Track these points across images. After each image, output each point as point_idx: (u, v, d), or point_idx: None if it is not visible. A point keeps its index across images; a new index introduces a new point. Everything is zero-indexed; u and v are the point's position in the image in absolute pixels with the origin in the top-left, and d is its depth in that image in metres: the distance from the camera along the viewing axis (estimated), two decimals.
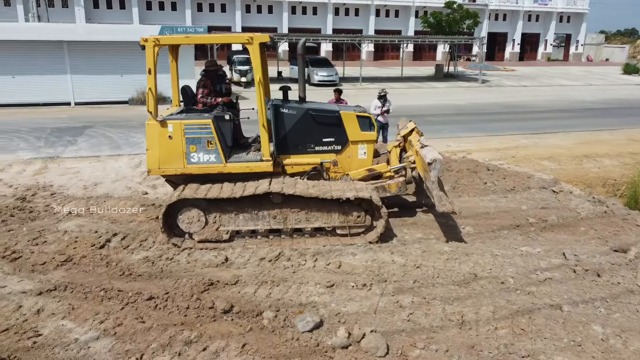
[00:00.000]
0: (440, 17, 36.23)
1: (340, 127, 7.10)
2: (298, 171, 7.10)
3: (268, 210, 6.60)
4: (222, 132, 6.81)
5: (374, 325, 4.72)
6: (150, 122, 6.65)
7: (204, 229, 6.62)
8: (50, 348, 4.34)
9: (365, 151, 7.24)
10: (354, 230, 6.74)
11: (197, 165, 6.70)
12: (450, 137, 14.71)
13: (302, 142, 7.09)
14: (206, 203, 6.54)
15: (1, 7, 40.33)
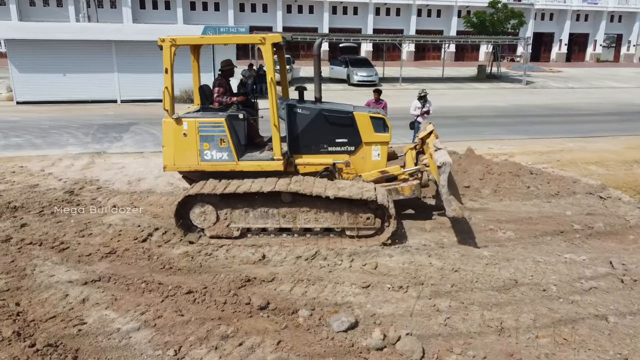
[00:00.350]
0: (484, 16, 35.46)
1: (354, 127, 7.06)
2: (310, 171, 7.12)
3: (277, 209, 6.64)
4: (236, 131, 6.93)
5: (409, 328, 4.67)
6: (166, 119, 6.85)
7: (215, 225, 6.72)
8: (94, 336, 4.49)
9: (379, 153, 7.17)
10: (362, 232, 6.65)
11: (210, 162, 6.85)
12: (491, 139, 14.39)
13: (315, 142, 7.11)
14: (216, 199, 6.64)
15: (54, 7, 42.04)
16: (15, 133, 14.20)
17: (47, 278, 5.63)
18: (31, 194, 8.74)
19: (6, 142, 13.08)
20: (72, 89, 20.10)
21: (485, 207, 8.17)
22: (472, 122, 17.54)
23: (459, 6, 50.27)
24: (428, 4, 49.82)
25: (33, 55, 19.62)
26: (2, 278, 5.62)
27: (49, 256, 6.21)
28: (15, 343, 4.30)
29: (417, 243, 6.68)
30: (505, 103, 22.68)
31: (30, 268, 5.88)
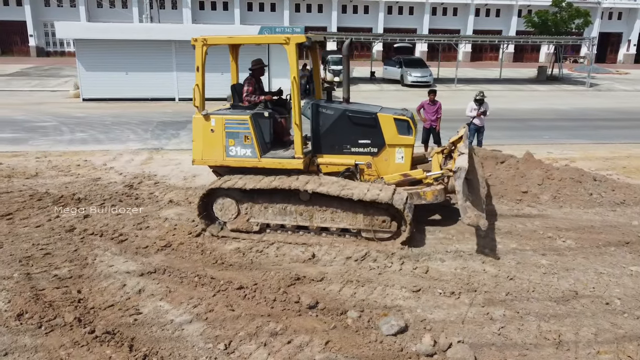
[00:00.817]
0: (546, 16, 34.11)
1: (377, 129, 6.94)
2: (332, 171, 7.12)
3: (295, 207, 6.68)
4: (261, 128, 7.06)
5: (461, 335, 4.54)
6: (196, 116, 7.11)
7: (236, 219, 6.89)
8: (149, 326, 4.64)
9: (402, 155, 7.01)
10: (379, 235, 6.54)
11: (235, 158, 7.04)
12: (551, 143, 13.82)
13: (338, 143, 7.09)
14: (238, 194, 6.81)
15: (119, 9, 43.98)
16: (81, 128, 14.95)
17: (106, 268, 5.87)
18: (94, 186, 9.16)
19: (72, 137, 13.78)
20: (134, 87, 20.94)
21: (544, 214, 7.85)
22: (531, 125, 16.91)
23: (520, 5, 48.64)
24: (487, 3, 48.51)
25: (99, 54, 20.58)
26: (66, 266, 5.91)
27: (108, 247, 6.48)
28: (77, 329, 4.51)
29: (470, 248, 6.49)
30: (567, 106, 21.73)
31: (92, 257, 6.15)
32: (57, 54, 44.73)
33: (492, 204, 8.13)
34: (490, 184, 8.62)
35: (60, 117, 16.75)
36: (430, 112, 11.39)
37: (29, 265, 5.92)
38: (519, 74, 37.34)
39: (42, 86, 25.38)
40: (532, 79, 34.29)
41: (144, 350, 4.22)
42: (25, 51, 43.99)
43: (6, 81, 27.00)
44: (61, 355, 4.14)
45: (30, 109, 18.55)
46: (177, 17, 44.35)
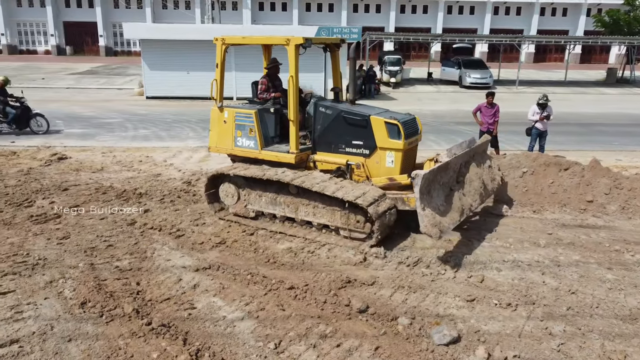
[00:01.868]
0: (618, 15, 32.29)
1: (369, 131, 6.94)
2: (326, 169, 7.31)
3: (284, 198, 7.10)
4: (266, 123, 7.54)
5: (517, 350, 4.36)
6: (213, 107, 7.80)
7: (237, 204, 7.55)
8: (202, 321, 4.75)
9: (393, 159, 6.89)
10: (354, 235, 6.63)
11: (240, 148, 7.62)
12: (621, 150, 13.08)
13: (335, 142, 7.26)
14: (240, 180, 7.45)
15: (183, 10, 45.50)
16: (144, 125, 15.58)
17: (164, 262, 6.07)
18: (154, 182, 9.51)
19: (135, 134, 14.38)
20: (194, 86, 21.56)
21: (611, 225, 7.42)
22: (599, 130, 16.08)
23: (589, 4, 46.32)
24: (553, 2, 46.54)
25: (162, 54, 21.37)
26: (127, 258, 6.16)
27: (166, 241, 6.70)
28: (135, 320, 4.68)
29: (529, 259, 6.23)
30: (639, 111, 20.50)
31: (150, 251, 6.39)
32: (124, 54, 46.86)
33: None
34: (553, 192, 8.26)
35: (125, 114, 17.54)
36: (488, 115, 11.05)
37: (93, 255, 6.22)
38: (586, 76, 35.59)
39: (110, 84, 26.66)
40: (601, 81, 32.59)
41: (197, 345, 4.33)
42: (95, 50, 46.37)
43: (77, 79, 28.58)
44: (120, 344, 4.31)
45: (98, 105, 19.54)
46: (238, 18, 45.35)
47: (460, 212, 6.40)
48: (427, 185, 5.93)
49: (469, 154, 7.15)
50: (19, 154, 11.55)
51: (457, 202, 6.49)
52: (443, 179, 6.46)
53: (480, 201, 7.09)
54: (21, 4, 45.72)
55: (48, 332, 4.49)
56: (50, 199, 8.31)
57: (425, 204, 5.84)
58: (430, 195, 6.09)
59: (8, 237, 6.77)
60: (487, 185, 7.35)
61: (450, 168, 6.60)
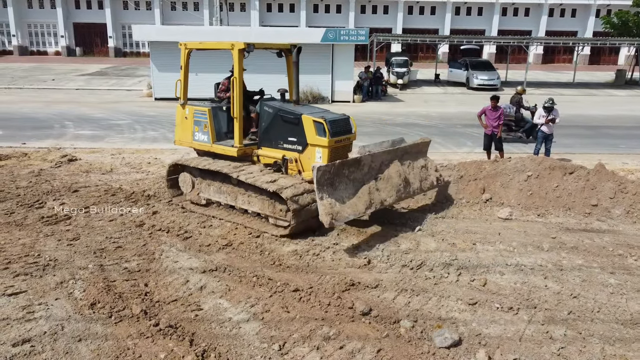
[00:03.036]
0: (626, 16, 32.10)
1: (301, 129, 7.38)
2: (267, 162, 7.89)
3: (226, 187, 7.80)
4: (219, 119, 8.27)
5: (518, 353, 4.42)
6: (177, 105, 8.67)
7: (192, 192, 8.33)
8: (209, 322, 4.86)
9: (321, 155, 7.25)
10: (280, 223, 7.12)
11: (197, 142, 8.43)
12: (627, 153, 13.06)
13: (274, 138, 7.78)
14: (194, 170, 8.24)
15: (191, 11, 45.78)
16: (152, 127, 15.75)
17: (172, 263, 6.19)
18: (162, 184, 9.62)
19: (144, 135, 14.56)
20: (203, 87, 21.61)
21: (615, 230, 7.46)
22: (606, 133, 16.04)
23: (598, 5, 46.06)
24: (562, 2, 46.32)
25: (171, 55, 21.45)
26: (135, 259, 6.29)
27: (174, 243, 6.82)
28: (143, 320, 4.79)
29: (532, 262, 6.28)
30: None
31: (159, 253, 6.50)
32: (133, 55, 47.22)
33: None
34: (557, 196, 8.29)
35: (134, 116, 17.72)
36: (492, 118, 11.09)
37: (102, 257, 6.35)
38: (595, 77, 35.42)
39: (119, 85, 26.91)
40: (609, 83, 32.43)
41: (204, 346, 4.43)
42: (105, 52, 46.77)
43: (87, 80, 28.87)
44: (128, 344, 4.42)
45: (108, 107, 19.76)
46: (246, 19, 45.55)
47: (367, 205, 6.83)
48: (327, 177, 6.44)
49: (393, 152, 7.48)
50: (30, 155, 11.75)
51: (366, 196, 6.86)
52: (354, 174, 6.86)
53: (397, 197, 7.37)
54: (32, 6, 46.21)
55: (59, 332, 4.61)
56: (60, 200, 8.46)
57: (324, 194, 6.40)
58: (334, 187, 6.59)
59: (20, 238, 6.91)
60: (412, 184, 7.66)
61: (364, 165, 6.97)
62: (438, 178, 8.23)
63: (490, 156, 11.38)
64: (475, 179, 8.72)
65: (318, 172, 6.30)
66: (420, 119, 18.29)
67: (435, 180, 8.16)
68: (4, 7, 45.02)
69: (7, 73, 31.42)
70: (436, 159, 11.85)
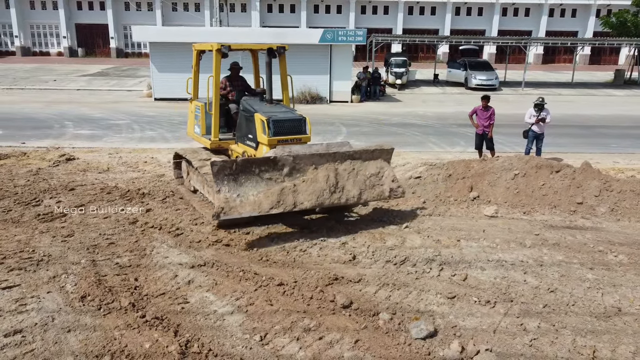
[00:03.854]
0: (625, 16, 32.17)
1: (254, 126, 7.80)
2: (235, 156, 8.52)
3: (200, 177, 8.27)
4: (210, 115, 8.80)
5: (490, 344, 4.57)
6: (189, 101, 9.54)
7: (186, 179, 9.33)
8: (194, 315, 5.02)
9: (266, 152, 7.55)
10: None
11: (195, 134, 9.43)
12: (619, 152, 13.20)
13: (241, 134, 8.40)
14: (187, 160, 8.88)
15: (192, 12, 46.02)
16: (151, 127, 15.94)
17: (162, 259, 6.36)
18: (157, 182, 9.83)
19: (142, 135, 14.75)
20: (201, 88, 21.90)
21: (598, 227, 7.60)
22: (600, 132, 16.16)
23: (598, 5, 46.12)
24: (562, 3, 46.41)
25: (171, 56, 21.77)
26: (127, 255, 6.46)
27: (165, 239, 6.99)
28: (130, 312, 4.96)
29: (514, 258, 6.43)
30: None
31: (150, 249, 6.68)
32: (135, 55, 47.52)
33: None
34: (544, 194, 8.44)
35: (133, 116, 17.93)
36: (483, 118, 11.24)
37: (95, 252, 6.52)
38: (594, 77, 35.50)
39: (120, 86, 27.14)
40: (608, 83, 32.51)
41: (187, 336, 4.60)
42: (106, 52, 47.09)
43: (88, 80, 29.11)
44: (115, 335, 4.59)
45: (108, 107, 19.97)
46: (247, 20, 45.78)
47: (273, 205, 6.67)
48: (227, 173, 6.59)
49: (328, 156, 7.16)
50: (29, 154, 11.95)
51: (276, 196, 6.71)
52: (269, 173, 6.82)
53: (317, 202, 6.96)
54: (34, 7, 46.57)
55: (49, 324, 4.78)
56: (57, 199, 8.65)
57: (223, 188, 6.59)
58: (239, 183, 6.67)
59: (16, 234, 7.10)
60: (346, 191, 7.15)
61: (282, 165, 6.87)
62: (392, 189, 7.45)
63: (482, 155, 11.53)
64: (464, 178, 8.87)
65: (213, 167, 6.52)
66: (416, 119, 18.43)
67: (387, 192, 7.42)
68: (7, 8, 45.39)
69: (9, 74, 31.70)
70: (429, 158, 12.05)
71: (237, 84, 9.21)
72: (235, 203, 6.58)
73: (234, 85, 9.14)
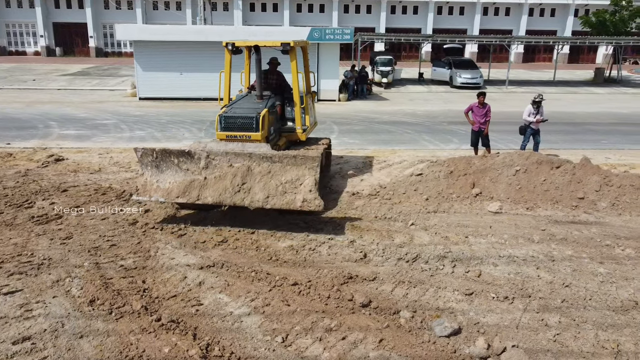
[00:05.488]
0: (604, 16, 32.75)
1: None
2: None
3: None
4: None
5: (515, 340, 4.53)
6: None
7: None
8: (210, 317, 4.87)
9: None
10: None
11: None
12: (609, 148, 13.36)
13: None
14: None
15: (174, 10, 45.40)
16: (139, 127, 15.61)
17: (168, 260, 6.18)
18: None
19: (131, 135, 14.42)
20: (188, 87, 21.61)
21: (602, 221, 7.65)
22: (588, 129, 16.36)
23: (577, 4, 46.88)
24: (541, 2, 47.03)
25: (155, 55, 21.35)
26: (131, 257, 6.26)
27: (169, 240, 6.80)
28: (144, 316, 4.79)
29: (524, 254, 6.42)
30: (628, 110, 20.87)
31: (154, 250, 6.48)
32: (115, 55, 46.66)
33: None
34: (545, 190, 8.46)
35: (120, 115, 17.54)
36: (479, 114, 11.25)
37: (97, 255, 6.31)
38: (575, 76, 36.05)
39: (102, 85, 26.58)
40: (589, 81, 33.03)
41: (207, 339, 4.45)
42: (86, 52, 46.11)
43: (69, 80, 28.45)
44: (131, 340, 4.42)
45: (92, 107, 19.51)
46: (229, 18, 45.33)
47: (179, 194, 7.13)
48: (150, 159, 7.24)
49: (245, 156, 7.12)
50: (15, 155, 11.57)
51: (184, 187, 7.14)
52: (187, 164, 7.21)
53: (219, 199, 6.99)
54: (10, 5, 45.37)
55: (59, 329, 4.58)
56: (50, 200, 8.37)
57: (146, 172, 7.35)
58: (160, 170, 7.29)
59: (11, 237, 6.83)
60: (252, 193, 6.97)
61: (198, 158, 7.17)
62: (306, 200, 6.82)
63: (478, 152, 11.54)
64: (465, 174, 8.85)
65: (137, 152, 7.30)
66: (406, 117, 18.43)
67: (299, 201, 6.84)
68: None
69: None
70: (424, 155, 12.03)
71: (273, 77, 9.46)
72: (152, 187, 7.28)
73: (269, 79, 9.30)
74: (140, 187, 7.30)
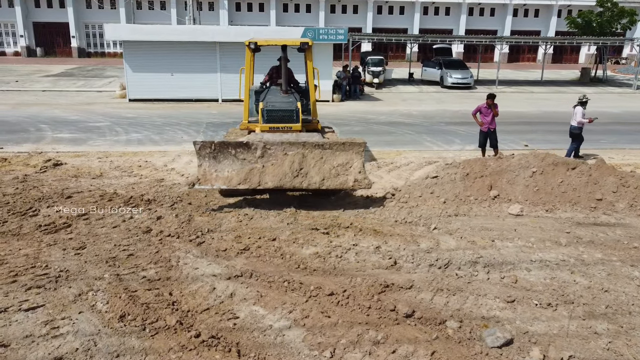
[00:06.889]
0: (590, 16, 33.19)
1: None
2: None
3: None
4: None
5: (570, 350, 4.40)
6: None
7: None
8: (249, 331, 4.64)
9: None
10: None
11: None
12: (611, 148, 13.45)
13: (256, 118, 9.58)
14: None
15: (158, 10, 44.69)
16: (134, 129, 15.22)
17: (192, 270, 5.92)
18: (159, 187, 9.30)
19: (128, 138, 14.04)
20: (178, 88, 21.21)
21: (623, 223, 7.60)
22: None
23: (560, 5, 47.50)
24: (525, 3, 47.53)
25: (145, 55, 20.90)
26: (152, 268, 5.98)
27: (189, 249, 6.53)
28: (180, 332, 4.54)
29: (555, 258, 6.32)
30: (618, 109, 21.14)
31: (175, 260, 6.21)
32: (98, 55, 45.75)
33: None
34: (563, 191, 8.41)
35: (112, 118, 17.10)
36: (488, 116, 11.19)
37: (115, 266, 6.01)
38: (560, 75, 36.48)
39: (88, 86, 25.96)
40: (575, 80, 33.44)
41: (252, 356, 4.23)
42: (67, 52, 45.11)
43: (53, 81, 27.72)
44: (171, 358, 4.17)
45: (81, 109, 19.00)
46: (215, 18, 44.80)
47: (240, 181, 7.79)
48: (208, 151, 7.79)
49: (298, 145, 7.94)
50: (10, 160, 11.14)
51: (245, 174, 7.80)
52: (244, 154, 7.85)
53: (279, 184, 7.77)
54: None
55: (92, 348, 4.31)
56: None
57: (204, 163, 7.88)
58: (218, 160, 7.87)
59: (20, 248, 6.49)
60: (309, 177, 7.83)
61: (255, 148, 7.83)
62: (357, 180, 7.91)
63: (485, 154, 11.48)
64: (482, 176, 8.74)
65: (195, 145, 7.83)
66: (403, 118, 18.34)
67: (351, 181, 7.91)
68: None
69: None
70: (430, 157, 11.93)
71: (272, 75, 10.13)
72: (212, 176, 7.83)
73: (279, 74, 9.63)
74: (201, 176, 7.81)
